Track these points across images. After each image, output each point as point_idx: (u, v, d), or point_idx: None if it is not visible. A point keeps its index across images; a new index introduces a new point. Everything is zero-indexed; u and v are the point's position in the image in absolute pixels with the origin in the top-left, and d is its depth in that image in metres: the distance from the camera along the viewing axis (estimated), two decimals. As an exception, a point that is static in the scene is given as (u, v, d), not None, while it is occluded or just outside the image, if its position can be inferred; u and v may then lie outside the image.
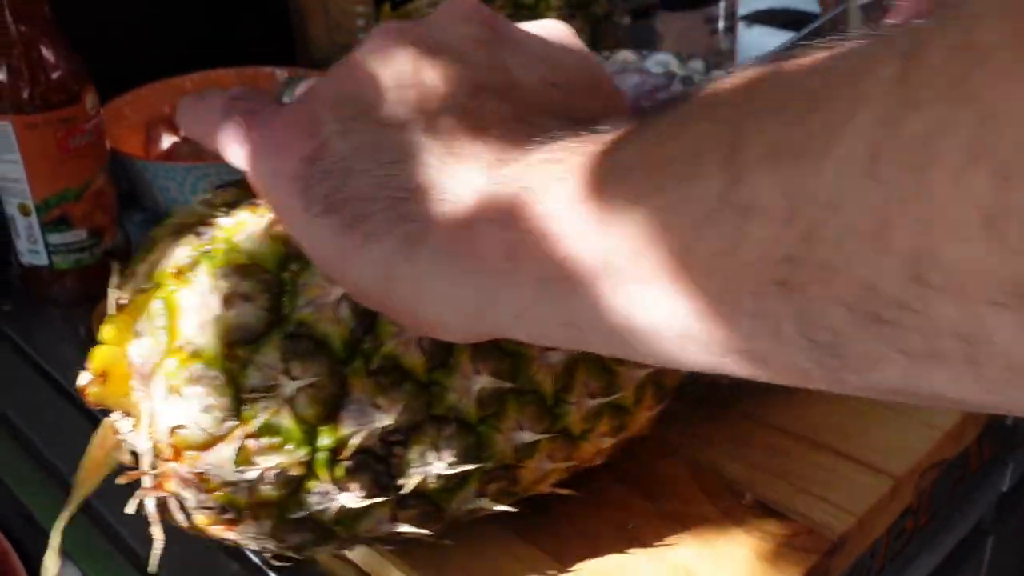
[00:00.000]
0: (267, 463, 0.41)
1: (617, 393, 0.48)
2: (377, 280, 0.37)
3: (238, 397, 0.41)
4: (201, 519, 0.44)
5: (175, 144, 0.86)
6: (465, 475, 0.45)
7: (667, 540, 0.51)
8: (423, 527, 0.46)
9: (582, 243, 0.31)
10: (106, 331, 0.43)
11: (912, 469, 0.55)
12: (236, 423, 0.41)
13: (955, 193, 0.22)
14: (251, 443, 0.41)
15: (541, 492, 0.51)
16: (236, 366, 0.41)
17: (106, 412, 0.45)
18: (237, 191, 0.45)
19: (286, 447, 0.41)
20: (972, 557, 0.78)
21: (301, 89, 0.41)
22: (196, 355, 0.41)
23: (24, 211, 0.73)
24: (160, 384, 0.41)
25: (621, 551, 0.50)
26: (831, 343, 0.25)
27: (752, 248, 0.26)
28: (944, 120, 0.22)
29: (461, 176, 0.36)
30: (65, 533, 0.45)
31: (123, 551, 0.57)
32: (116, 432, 0.44)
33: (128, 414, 0.44)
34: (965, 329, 0.22)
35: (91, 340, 0.44)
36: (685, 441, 0.58)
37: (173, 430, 0.41)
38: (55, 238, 0.74)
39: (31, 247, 0.75)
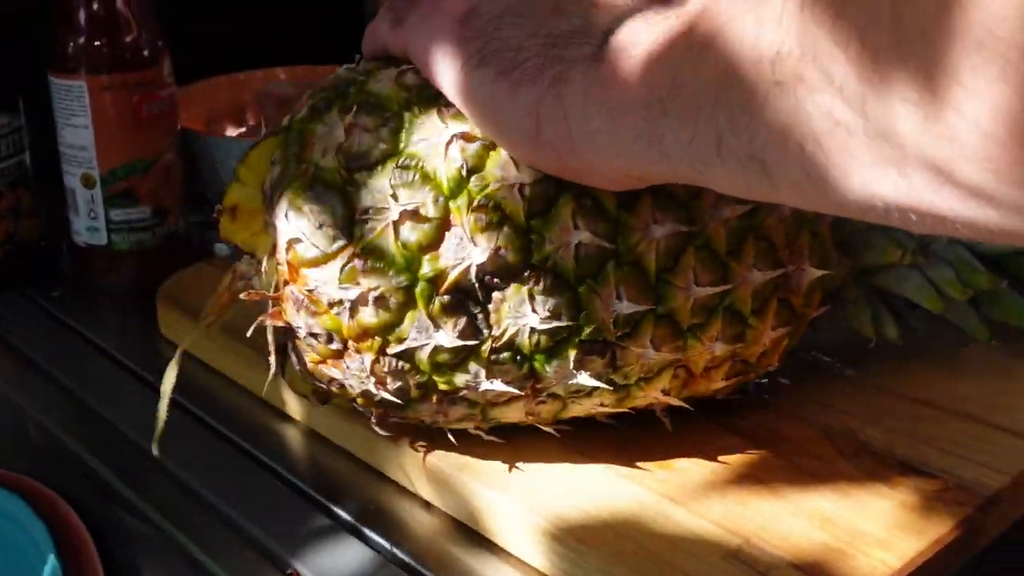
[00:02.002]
0: (370, 284, 0.48)
1: (728, 286, 0.50)
2: (527, 127, 0.43)
3: (351, 218, 0.48)
4: (311, 356, 0.51)
5: (241, 134, 0.92)
6: (562, 340, 0.48)
7: (804, 492, 0.53)
8: (521, 388, 0.49)
9: (748, 42, 0.34)
10: (242, 171, 0.52)
11: (1067, 437, 0.57)
12: (345, 242, 0.48)
13: None
14: (357, 263, 0.48)
15: (651, 404, 0.53)
16: (352, 189, 0.48)
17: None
18: (380, 61, 0.52)
19: (389, 272, 0.47)
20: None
21: None
22: (317, 177, 0.48)
23: (87, 182, 0.77)
24: (284, 203, 0.49)
25: (756, 502, 0.51)
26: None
27: None
28: None
29: (605, 23, 0.42)
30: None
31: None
32: (241, 276, 0.52)
33: (252, 255, 0.53)
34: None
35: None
36: (816, 408, 0.58)
37: (290, 244, 0.49)
38: (118, 214, 0.77)
39: (91, 223, 0.77)
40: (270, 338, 0.54)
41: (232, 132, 0.91)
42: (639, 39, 0.39)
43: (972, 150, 0.28)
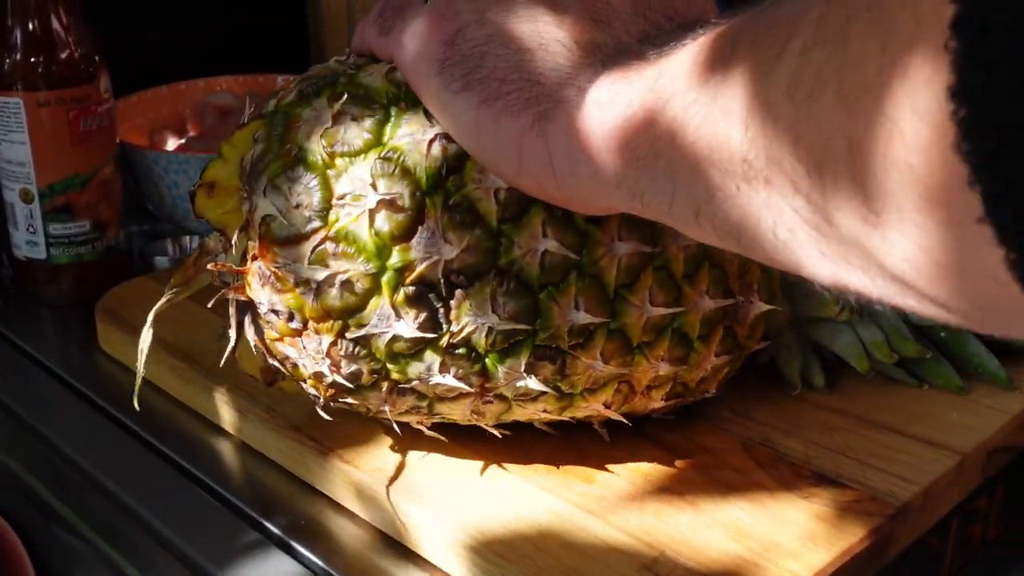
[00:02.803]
0: (339, 267, 0.49)
1: (681, 308, 0.52)
2: (509, 156, 0.46)
3: (328, 202, 0.49)
4: (269, 333, 0.53)
5: (180, 146, 0.93)
6: (517, 342, 0.50)
7: (720, 504, 0.55)
8: (471, 385, 0.51)
9: (718, 140, 0.36)
10: (226, 148, 0.54)
11: (979, 447, 0.58)
12: (320, 224, 0.49)
13: (832, 118, 0.30)
14: (329, 246, 0.49)
15: (590, 416, 0.55)
16: (332, 173, 0.50)
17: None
18: (368, 58, 0.54)
19: (359, 258, 0.49)
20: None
21: None
22: (300, 158, 0.50)
23: (26, 197, 0.77)
24: (264, 180, 0.51)
25: (673, 514, 0.53)
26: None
27: None
28: (833, 56, 0.30)
29: (588, 66, 0.44)
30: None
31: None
32: (208, 252, 0.54)
33: (223, 233, 0.55)
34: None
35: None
36: (737, 420, 0.60)
37: (265, 220, 0.50)
38: (56, 228, 0.78)
39: (29, 238, 0.78)
40: (232, 311, 0.55)
41: (173, 143, 0.91)
42: (619, 99, 0.41)
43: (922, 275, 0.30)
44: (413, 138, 0.50)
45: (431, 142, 0.50)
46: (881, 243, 0.30)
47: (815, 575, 0.50)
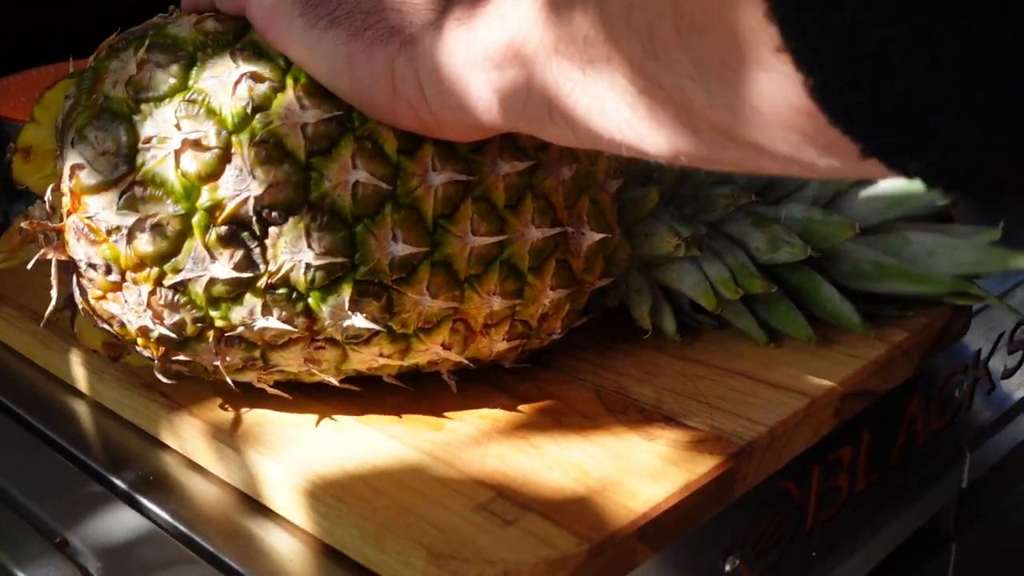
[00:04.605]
0: (147, 211, 0.50)
1: (505, 236, 0.53)
2: (383, 85, 0.48)
3: (134, 146, 0.50)
4: (92, 292, 0.53)
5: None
6: (337, 278, 0.51)
7: (565, 447, 0.55)
8: (296, 326, 0.52)
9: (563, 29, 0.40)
10: (38, 111, 0.55)
11: (829, 390, 0.59)
12: (127, 170, 0.50)
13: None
14: (137, 190, 0.50)
15: (433, 362, 0.56)
16: (138, 118, 0.50)
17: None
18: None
19: (167, 200, 0.50)
20: (933, 565, 0.81)
21: None
22: (105, 108, 0.51)
23: None
24: (71, 132, 0.51)
25: (517, 456, 0.54)
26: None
27: None
28: None
29: None
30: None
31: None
32: (30, 219, 0.54)
33: (44, 200, 0.55)
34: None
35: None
36: (591, 369, 0.61)
37: (73, 171, 0.51)
38: None
39: None
40: (54, 272, 0.55)
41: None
42: (474, 13, 0.45)
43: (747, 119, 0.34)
44: (219, 79, 0.51)
45: (236, 83, 0.50)
46: (705, 96, 0.34)
47: (652, 509, 0.50)
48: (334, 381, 0.56)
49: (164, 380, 0.56)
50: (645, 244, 0.61)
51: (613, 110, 0.39)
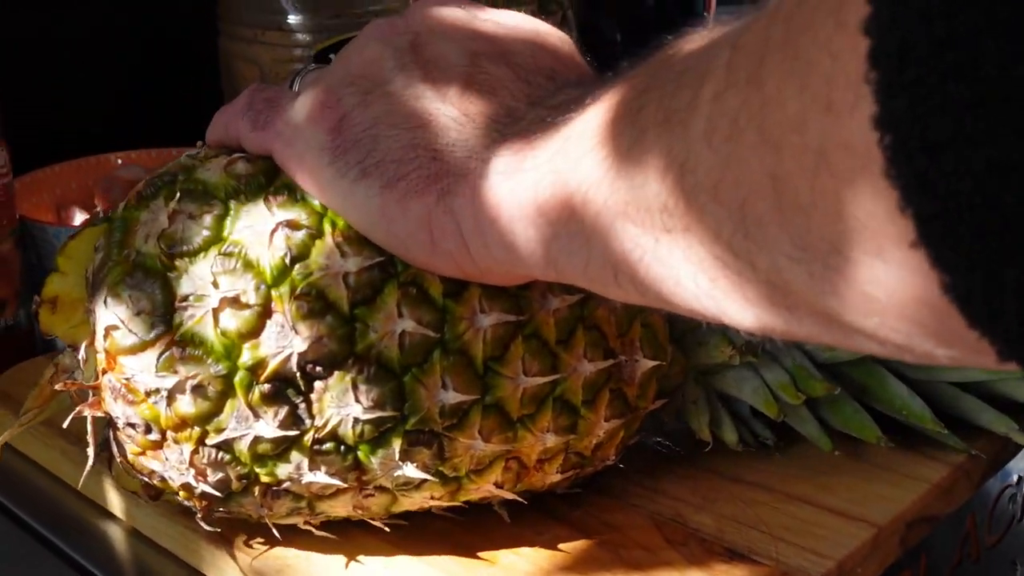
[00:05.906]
0: (187, 372, 0.48)
1: (558, 375, 0.51)
2: (421, 239, 0.45)
3: (170, 305, 0.49)
4: (131, 448, 0.51)
5: (85, 221, 0.90)
6: (386, 430, 0.49)
7: (628, 585, 0.53)
8: (345, 480, 0.50)
9: (633, 195, 0.36)
10: (61, 261, 0.53)
11: (895, 518, 0.57)
12: (164, 330, 0.48)
13: (754, 157, 0.30)
14: (175, 351, 0.48)
15: (485, 498, 0.54)
16: (173, 275, 0.49)
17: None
18: (222, 149, 0.53)
19: (207, 360, 0.48)
20: None
21: (311, 77, 0.51)
22: (138, 264, 0.49)
23: None
24: (104, 290, 0.50)
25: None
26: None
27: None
28: (750, 99, 0.30)
29: (484, 136, 0.44)
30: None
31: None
32: (64, 370, 0.53)
33: (75, 348, 0.53)
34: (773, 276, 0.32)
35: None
36: (646, 494, 0.60)
37: (108, 331, 0.49)
38: None
39: None
40: (89, 428, 0.54)
41: (80, 218, 0.89)
42: (524, 167, 0.42)
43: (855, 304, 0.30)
44: (254, 230, 0.49)
45: (273, 232, 0.49)
46: (808, 280, 0.31)
47: (723, 656, 0.48)
48: (380, 524, 0.54)
49: (207, 528, 0.54)
50: (699, 353, 0.60)
51: (691, 282, 0.36)
